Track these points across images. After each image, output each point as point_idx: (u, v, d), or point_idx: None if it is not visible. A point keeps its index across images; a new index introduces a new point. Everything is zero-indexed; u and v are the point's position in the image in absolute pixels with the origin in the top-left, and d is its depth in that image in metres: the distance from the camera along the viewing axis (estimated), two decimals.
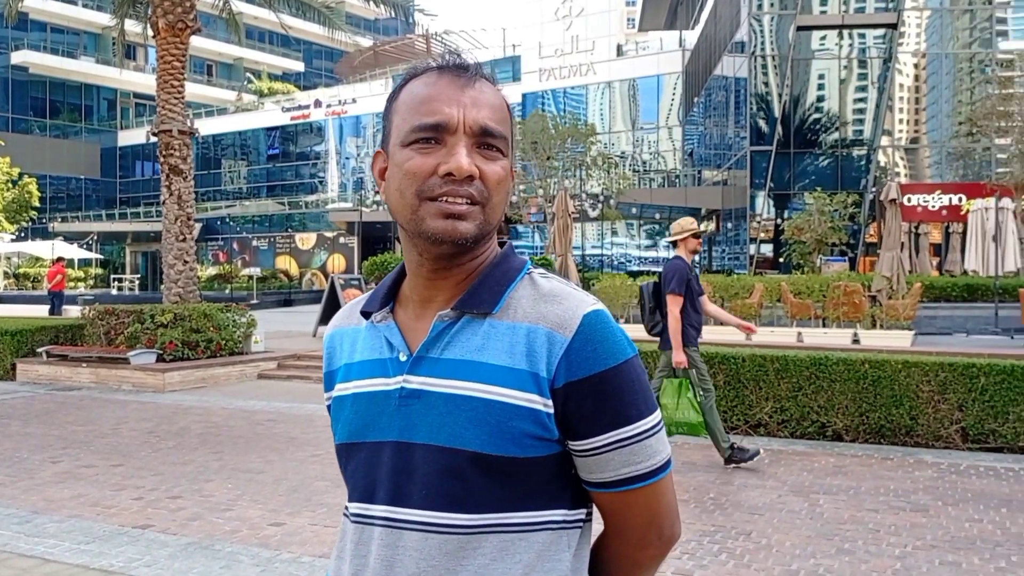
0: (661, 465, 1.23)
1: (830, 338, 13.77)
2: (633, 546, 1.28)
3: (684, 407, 6.76)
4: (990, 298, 18.24)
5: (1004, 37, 33.44)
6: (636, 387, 1.19)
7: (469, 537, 1.16)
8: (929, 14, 33.62)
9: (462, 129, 1.19)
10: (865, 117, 32.75)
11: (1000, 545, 5.00)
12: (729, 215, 35.48)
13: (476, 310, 1.21)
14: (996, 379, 7.45)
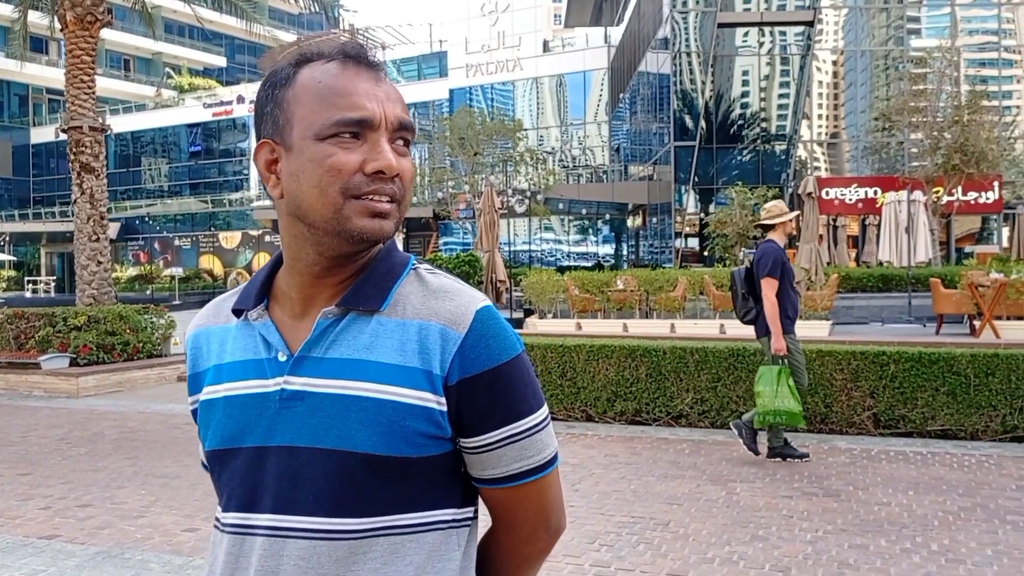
0: (551, 459, 1.24)
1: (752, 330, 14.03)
2: (523, 541, 1.28)
3: (783, 395, 6.50)
4: (904, 288, 18.87)
5: (917, 35, 34.57)
6: (527, 381, 1.20)
7: (359, 542, 1.14)
8: (846, 12, 34.59)
9: (384, 125, 1.17)
10: (785, 113, 33.52)
11: (906, 527, 5.16)
12: (655, 210, 35.96)
13: (363, 307, 1.18)
14: (905, 366, 7.69)
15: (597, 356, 8.67)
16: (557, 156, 44.00)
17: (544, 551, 1.31)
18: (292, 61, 1.22)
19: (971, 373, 7.51)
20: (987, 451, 7.09)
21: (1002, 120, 31.85)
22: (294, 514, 1.14)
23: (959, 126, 26.56)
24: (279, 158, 1.19)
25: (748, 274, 6.88)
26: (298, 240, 1.20)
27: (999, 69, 34.43)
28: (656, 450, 7.38)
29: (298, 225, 1.19)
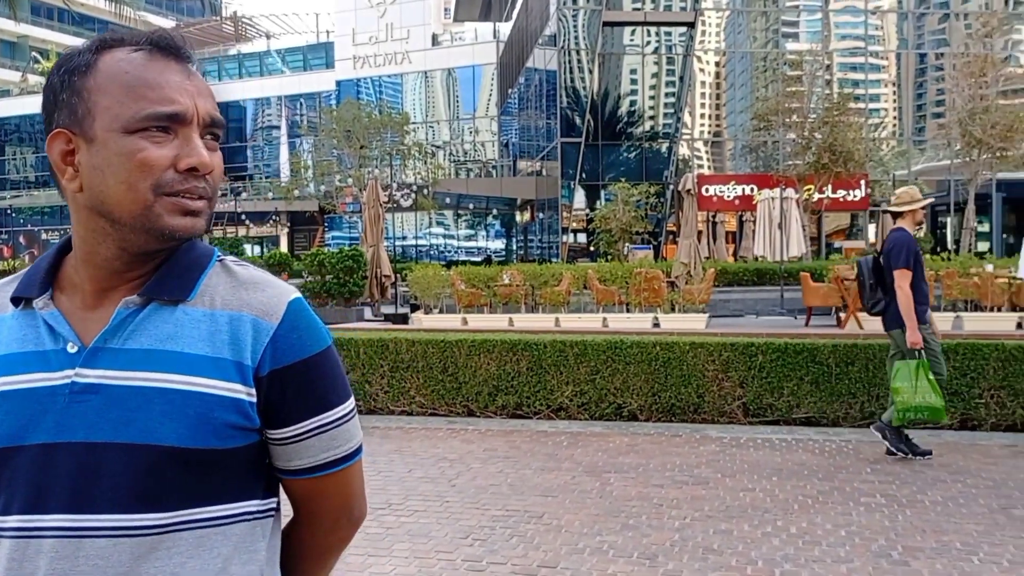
0: (356, 448, 1.27)
1: (633, 323, 14.35)
2: (326, 530, 1.31)
3: (924, 390, 6.20)
4: (777, 281, 19.63)
5: (793, 39, 36.01)
6: (337, 372, 1.22)
7: (162, 536, 1.11)
8: (727, 14, 35.70)
9: (196, 120, 1.14)
10: (669, 111, 34.38)
11: (768, 511, 5.37)
12: (543, 205, 36.33)
13: (168, 297, 1.15)
14: (772, 357, 8.00)
15: (479, 351, 8.68)
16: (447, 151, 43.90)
17: (345, 540, 1.34)
18: (91, 47, 1.16)
19: (833, 363, 7.87)
20: (847, 437, 7.44)
21: (869, 122, 33.57)
22: (92, 512, 1.10)
23: (829, 126, 27.82)
24: (77, 150, 1.14)
25: (875, 263, 6.63)
26: (97, 235, 1.16)
27: (867, 73, 36.24)
28: (535, 443, 7.44)
29: (98, 220, 1.14)
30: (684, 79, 33.72)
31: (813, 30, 35.71)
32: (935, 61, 36.46)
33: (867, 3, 35.78)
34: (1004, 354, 7.52)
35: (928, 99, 37.14)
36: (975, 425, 7.59)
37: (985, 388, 7.54)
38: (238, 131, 50.23)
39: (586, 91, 32.90)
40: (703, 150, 36.31)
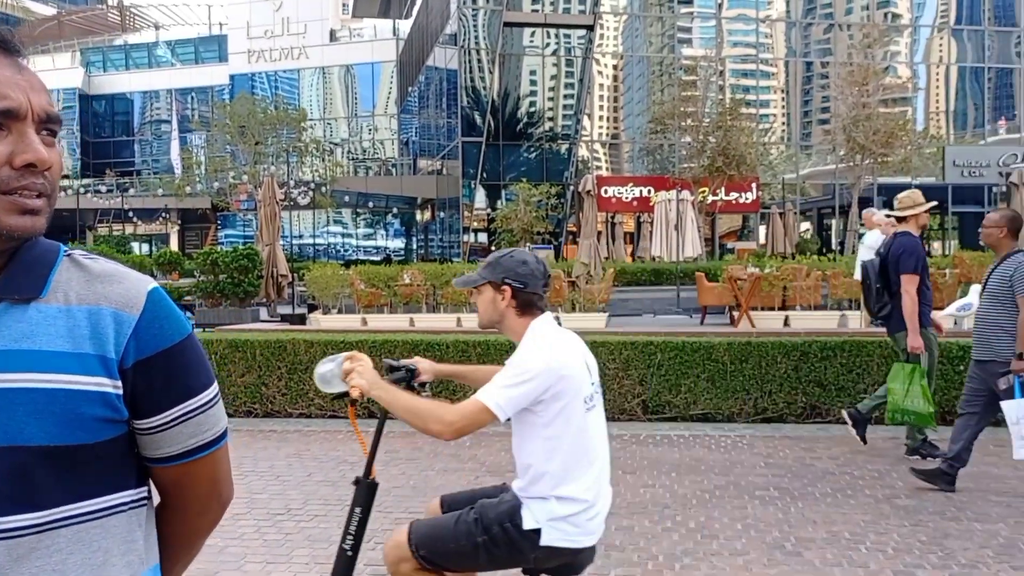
0: (223, 432, 1.30)
1: None
2: (195, 514, 1.34)
3: (914, 395, 6.13)
4: (673, 281, 20.11)
5: (688, 44, 36.96)
6: (200, 359, 1.25)
7: (40, 536, 1.10)
8: (625, 18, 36.33)
9: (30, 116, 1.11)
10: (569, 112, 34.76)
11: (668, 507, 5.46)
12: (444, 204, 36.21)
13: (19, 295, 1.12)
14: (670, 355, 8.16)
15: (380, 352, 8.55)
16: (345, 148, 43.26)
17: (215, 522, 1.37)
18: None
19: (728, 360, 8.08)
20: (741, 432, 7.65)
21: (759, 127, 34.75)
22: None
23: (722, 131, 28.68)
24: None
25: (882, 267, 6.53)
26: None
27: (757, 80, 37.50)
28: (438, 444, 7.37)
29: None
30: (583, 81, 34.17)
31: (707, 36, 36.74)
32: (821, 69, 38.02)
33: (758, 12, 37.00)
34: (888, 350, 7.86)
35: (814, 106, 38.70)
36: None
37: (870, 384, 7.86)
38: (125, 125, 48.30)
39: (487, 91, 32.97)
40: (602, 152, 36.88)
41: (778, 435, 7.51)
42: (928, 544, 4.71)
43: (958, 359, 7.69)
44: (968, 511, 5.29)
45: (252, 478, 6.27)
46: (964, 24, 38.65)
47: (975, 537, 4.81)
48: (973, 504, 5.43)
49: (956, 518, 5.16)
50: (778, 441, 7.28)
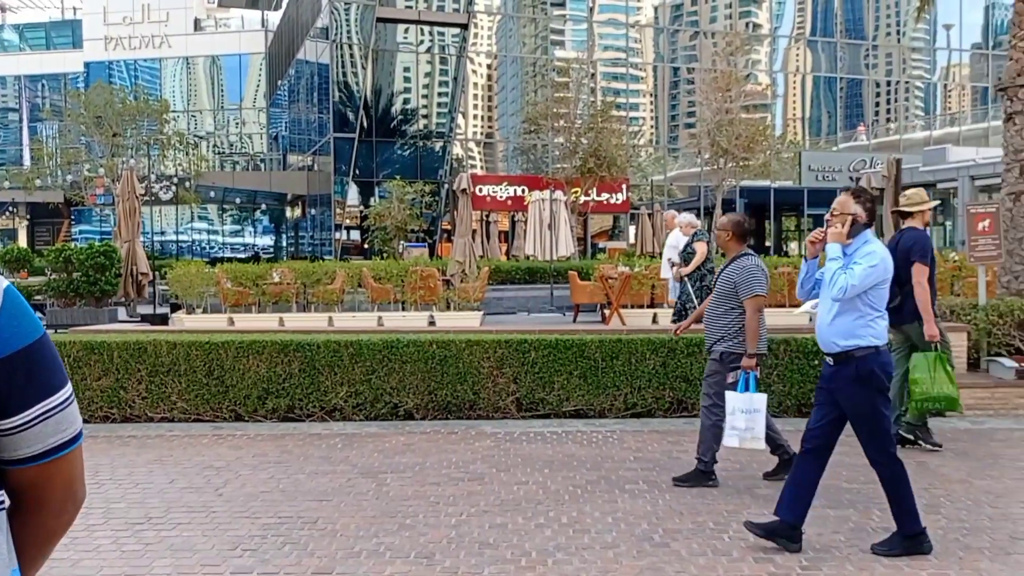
0: (80, 431, 1.30)
1: (408, 321, 14.32)
2: (52, 515, 1.32)
3: (941, 381, 6.26)
4: (547, 280, 20.35)
5: (561, 47, 37.50)
6: (56, 356, 1.26)
7: None
8: (499, 19, 36.54)
9: None
10: (443, 110, 34.68)
11: (541, 503, 5.51)
12: (315, 201, 35.50)
13: None
14: (544, 353, 8.25)
15: (247, 352, 8.29)
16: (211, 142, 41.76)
17: (69, 523, 1.36)
18: None
19: (599, 357, 8.24)
20: (612, 427, 7.81)
21: (629, 129, 35.67)
22: None
23: (594, 132, 29.26)
24: None
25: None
26: None
27: (627, 83, 38.47)
28: (308, 446, 7.21)
29: None
30: (458, 80, 34.18)
31: (579, 39, 37.41)
32: (687, 75, 39.35)
33: (627, 17, 37.95)
34: None
35: (681, 110, 40.03)
36: None
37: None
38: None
39: (360, 87, 32.50)
40: (476, 150, 36.99)
41: (647, 429, 7.71)
42: None
43: (812, 354, 8.09)
44: (822, 498, 5.56)
45: (110, 486, 5.96)
46: (819, 36, 40.81)
47: (828, 523, 5.07)
48: (826, 492, 5.71)
49: (812, 505, 5.41)
50: (647, 435, 7.47)
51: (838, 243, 4.59)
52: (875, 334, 4.55)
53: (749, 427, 5.35)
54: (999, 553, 4.56)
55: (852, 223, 4.59)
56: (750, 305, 5.75)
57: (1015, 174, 9.99)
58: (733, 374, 5.71)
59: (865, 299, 4.54)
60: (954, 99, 43.87)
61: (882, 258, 4.53)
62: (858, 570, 4.34)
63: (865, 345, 4.52)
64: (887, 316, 4.68)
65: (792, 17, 41.35)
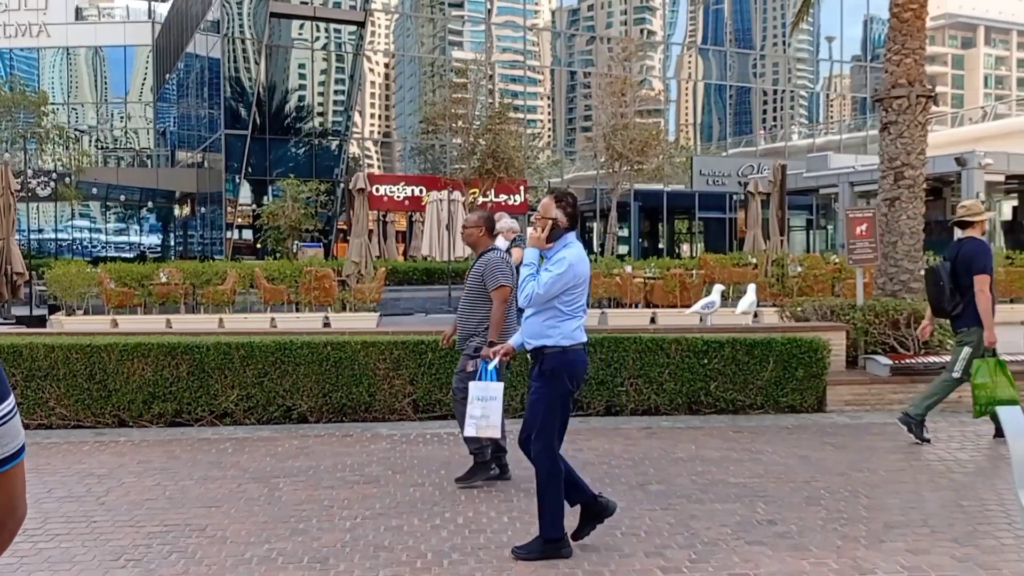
0: (23, 444, 1.28)
1: (303, 322, 14.08)
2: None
3: (1003, 385, 6.58)
4: (445, 280, 20.33)
5: (459, 47, 37.47)
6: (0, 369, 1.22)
7: None
8: (397, 17, 36.25)
9: None
10: (340, 108, 34.20)
11: (437, 504, 5.49)
12: (206, 199, 34.47)
13: None
14: (441, 354, 8.20)
15: (132, 355, 7.97)
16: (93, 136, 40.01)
17: (10, 539, 1.32)
18: None
19: None
20: (509, 427, 7.79)
21: (527, 131, 35.96)
22: None
23: (492, 134, 29.38)
24: None
25: (953, 269, 6.91)
26: None
27: (525, 86, 38.75)
28: (197, 452, 6.98)
29: None
30: (354, 78, 33.76)
31: (477, 40, 37.47)
32: (584, 79, 39.93)
33: (525, 20, 38.25)
34: (641, 346, 8.38)
35: (578, 114, 40.61)
36: (617, 411, 8.37)
37: (626, 377, 8.34)
38: None
39: (252, 83, 31.71)
40: (373, 150, 36.61)
41: None
42: (676, 526, 5.06)
43: (702, 353, 8.33)
44: (711, 493, 5.75)
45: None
46: (710, 44, 42.07)
47: (716, 517, 5.23)
48: (715, 487, 5.89)
49: (700, 500, 5.58)
50: None
51: (536, 248, 4.65)
52: (563, 334, 4.59)
53: (484, 415, 5.26)
54: (874, 542, 4.79)
55: (552, 227, 4.59)
56: (496, 296, 5.83)
57: (890, 181, 10.51)
58: (473, 363, 5.72)
59: (560, 301, 4.58)
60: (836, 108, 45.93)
61: (570, 264, 4.54)
62: (743, 561, 4.49)
63: (552, 344, 4.59)
64: (582, 317, 4.75)
65: (684, 25, 42.49)
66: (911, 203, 10.37)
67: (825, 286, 16.43)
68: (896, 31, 10.63)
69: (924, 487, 5.91)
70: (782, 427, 7.88)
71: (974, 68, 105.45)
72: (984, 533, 4.93)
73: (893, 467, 6.47)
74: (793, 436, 7.51)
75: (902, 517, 5.22)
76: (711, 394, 8.39)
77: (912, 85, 10.42)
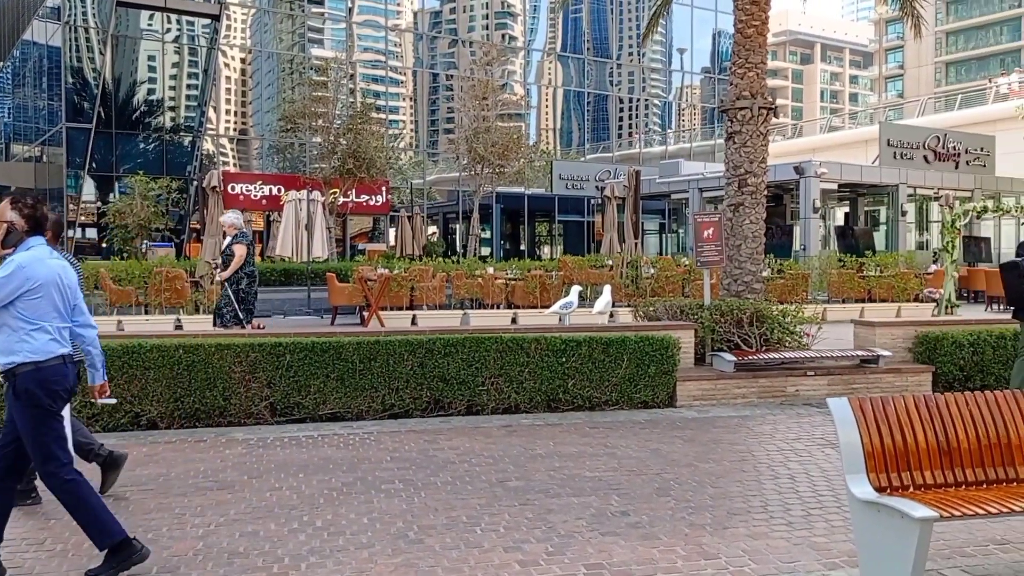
0: None
1: (152, 325, 13.50)
2: None
3: None
4: (304, 282, 19.93)
5: (319, 45, 36.78)
6: None
7: None
8: (254, 12, 35.24)
9: None
10: (193, 104, 32.94)
11: (295, 508, 5.41)
12: (44, 195, 32.41)
13: None
14: (300, 356, 8.07)
15: None
16: None
17: None
18: None
19: (357, 359, 8.19)
20: (369, 429, 7.81)
21: (389, 132, 35.71)
22: None
23: (353, 133, 29.01)
24: None
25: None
26: None
27: (387, 86, 38.46)
28: None
29: None
30: (208, 72, 32.59)
31: (338, 39, 36.92)
32: (446, 81, 40.02)
33: (387, 20, 37.97)
34: (502, 345, 8.50)
35: (441, 116, 40.65)
36: (479, 410, 8.46)
37: (487, 377, 8.45)
38: None
39: (97, 74, 30.10)
40: (229, 147, 35.45)
41: (404, 429, 7.78)
42: (534, 520, 5.18)
43: (560, 352, 8.54)
44: (568, 488, 5.91)
45: None
46: (569, 52, 43.00)
47: (572, 510, 5.39)
48: (571, 482, 6.07)
49: (558, 495, 5.73)
50: (404, 435, 7.54)
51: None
52: (32, 349, 4.21)
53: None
54: (718, 528, 5.06)
55: (8, 232, 4.30)
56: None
57: (734, 187, 11.09)
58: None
59: (15, 313, 4.20)
60: (687, 117, 47.88)
61: (19, 266, 4.20)
62: (598, 552, 4.65)
63: (22, 362, 4.20)
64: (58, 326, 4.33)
65: (545, 32, 43.27)
66: (754, 209, 10.97)
67: (676, 287, 17.12)
68: (740, 46, 11.22)
69: (764, 476, 6.28)
70: (636, 422, 8.18)
71: (812, 82, 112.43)
72: (817, 516, 5.30)
73: (737, 457, 6.84)
74: (646, 430, 7.81)
75: (744, 504, 5.54)
76: (569, 391, 8.61)
77: (755, 97, 11.02)
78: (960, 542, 4.82)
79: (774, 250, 13.29)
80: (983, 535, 4.93)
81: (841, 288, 18.75)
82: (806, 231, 26.14)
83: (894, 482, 4.22)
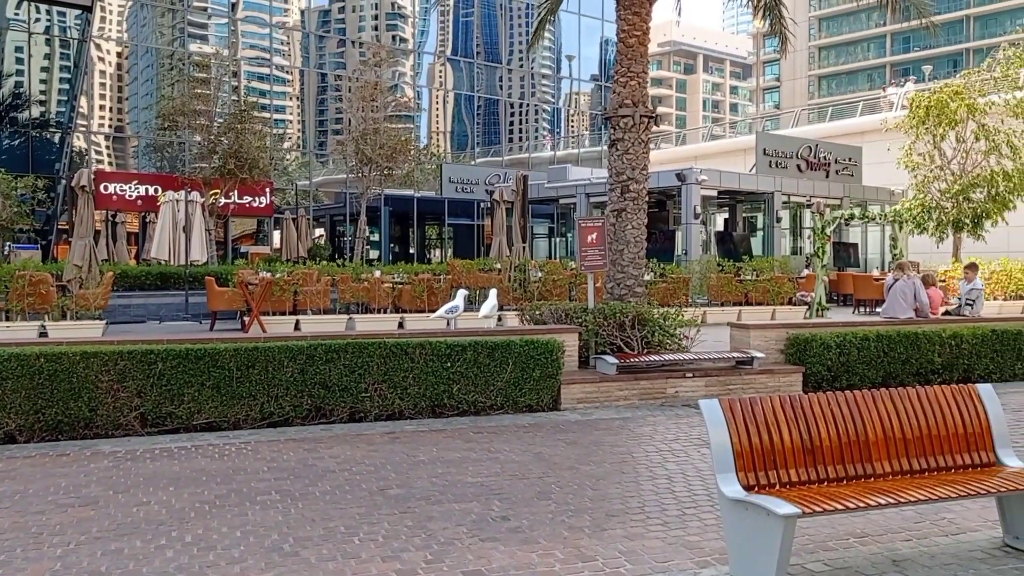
0: None
1: (13, 332, 12.75)
2: None
3: None
4: (181, 286, 19.22)
5: (200, 40, 35.55)
6: None
7: None
8: (131, 5, 33.83)
9: None
10: (63, 99, 31.36)
11: (164, 523, 5.18)
12: None
13: None
14: (173, 363, 7.76)
15: None
16: None
17: None
18: None
19: (234, 366, 7.93)
20: (246, 438, 7.57)
21: (274, 132, 34.86)
22: None
23: (235, 133, 28.17)
24: None
25: None
26: None
27: (272, 85, 37.52)
28: None
29: None
30: (80, 66, 31.08)
31: (220, 35, 35.82)
32: (335, 82, 39.36)
33: (272, 17, 37.09)
34: (386, 351, 8.39)
35: (329, 116, 39.93)
36: (361, 417, 8.33)
37: (370, 383, 8.32)
38: None
39: None
40: (103, 145, 33.89)
41: (283, 438, 7.58)
42: (414, 528, 5.12)
43: (445, 356, 8.49)
44: (449, 494, 5.87)
45: None
46: (460, 55, 42.97)
47: (453, 517, 5.35)
48: (453, 488, 6.03)
49: (439, 501, 5.68)
50: (283, 444, 7.35)
51: None
52: None
53: None
54: (596, 530, 5.12)
55: None
56: None
57: (617, 193, 11.29)
58: None
59: None
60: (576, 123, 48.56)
61: None
62: (477, 558, 4.62)
63: None
64: None
65: (435, 35, 43.11)
66: (636, 214, 11.20)
67: (563, 291, 17.32)
68: (623, 55, 11.44)
69: (642, 477, 6.39)
70: (520, 426, 8.22)
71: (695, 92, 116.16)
72: (691, 516, 5.43)
73: (617, 459, 6.95)
74: (529, 434, 7.85)
75: (622, 505, 5.62)
76: (454, 396, 8.57)
77: (636, 106, 11.26)
78: (823, 536, 5.02)
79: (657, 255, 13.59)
80: (844, 529, 5.16)
81: (720, 292, 19.36)
82: (688, 236, 26.88)
83: (762, 480, 4.36)
